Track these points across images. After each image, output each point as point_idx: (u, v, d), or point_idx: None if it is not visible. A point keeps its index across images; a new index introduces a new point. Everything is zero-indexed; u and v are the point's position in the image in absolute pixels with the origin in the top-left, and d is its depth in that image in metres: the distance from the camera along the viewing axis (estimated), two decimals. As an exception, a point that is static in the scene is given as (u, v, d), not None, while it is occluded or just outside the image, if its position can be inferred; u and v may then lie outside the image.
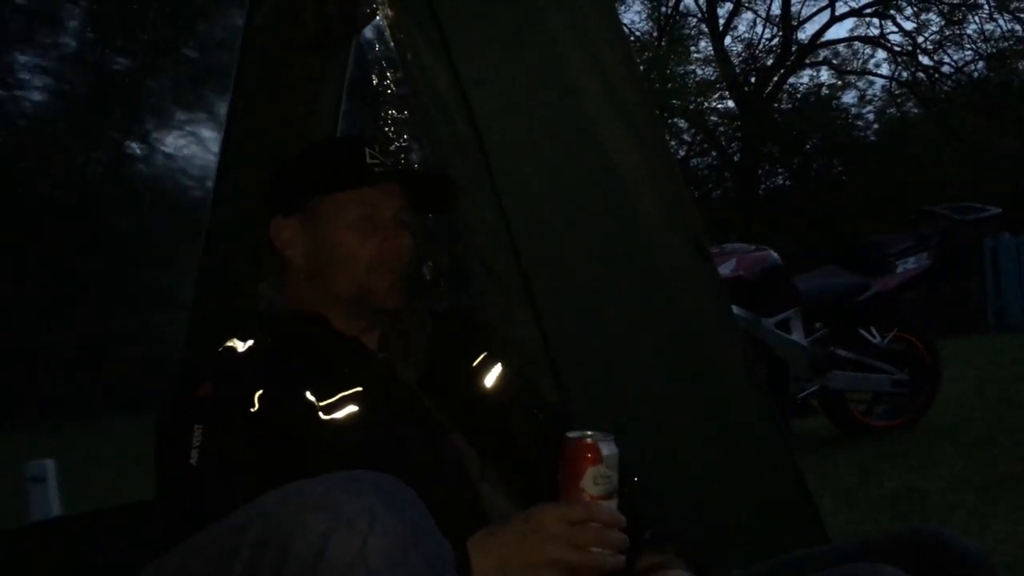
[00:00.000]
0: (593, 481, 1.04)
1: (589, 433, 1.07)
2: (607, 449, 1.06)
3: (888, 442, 4.39)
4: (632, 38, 16.41)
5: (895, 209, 11.65)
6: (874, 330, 4.66)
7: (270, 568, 0.69)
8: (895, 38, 16.97)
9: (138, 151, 11.63)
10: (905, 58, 16.88)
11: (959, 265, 4.74)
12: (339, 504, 0.71)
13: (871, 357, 4.60)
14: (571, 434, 1.08)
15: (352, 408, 1.18)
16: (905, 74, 17.15)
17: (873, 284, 4.67)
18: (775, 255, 4.71)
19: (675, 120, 17.03)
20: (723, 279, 1.86)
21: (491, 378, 1.38)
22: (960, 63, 16.53)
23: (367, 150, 1.34)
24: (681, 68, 17.54)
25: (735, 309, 1.79)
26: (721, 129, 18.33)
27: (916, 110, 17.19)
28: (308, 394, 1.17)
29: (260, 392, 1.14)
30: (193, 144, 11.55)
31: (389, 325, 1.36)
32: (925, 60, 16.63)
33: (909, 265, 4.71)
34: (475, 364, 1.39)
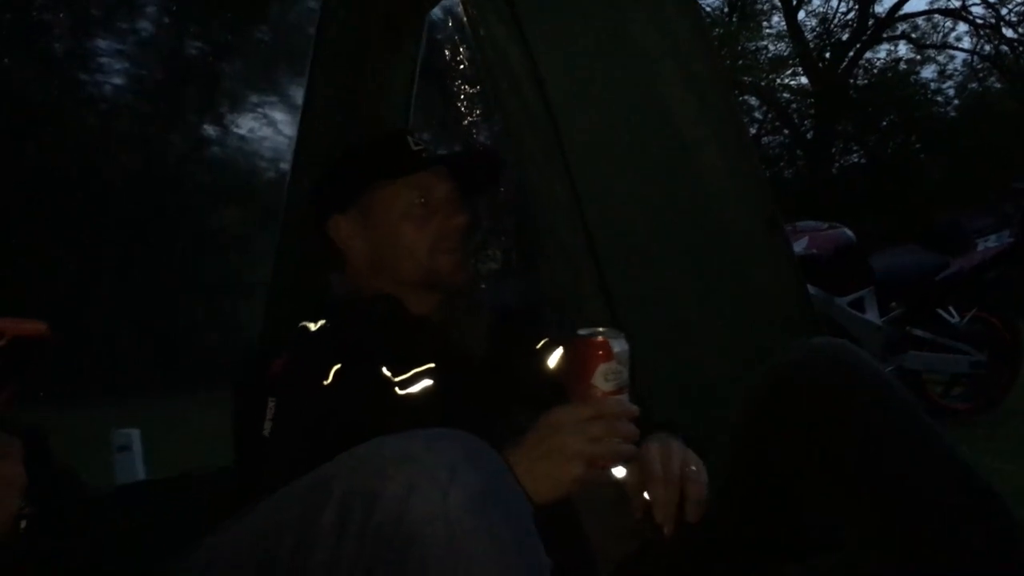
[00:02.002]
0: (604, 377, 1.07)
1: (600, 330, 1.10)
2: (618, 346, 1.08)
3: (967, 425, 4.28)
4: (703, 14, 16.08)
5: (976, 188, 11.27)
6: (952, 310, 4.54)
7: (357, 520, 0.72)
8: (977, 10, 16.34)
9: (213, 134, 11.88)
10: (988, 31, 16.25)
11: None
12: (422, 458, 0.73)
13: (949, 337, 4.48)
14: (581, 331, 1.11)
15: (427, 383, 1.22)
16: (988, 47, 16.52)
17: (952, 263, 4.54)
18: (849, 233, 4.62)
19: (746, 97, 16.72)
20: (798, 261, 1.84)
21: (553, 359, 1.42)
22: (1046, 35, 15.89)
23: (409, 139, 1.38)
24: (752, 44, 17.18)
25: (808, 288, 1.76)
26: (794, 106, 17.92)
27: (999, 85, 16.57)
28: (384, 370, 1.21)
29: (337, 367, 1.18)
30: (266, 126, 11.76)
31: (456, 305, 1.38)
32: (1009, 33, 16.00)
33: (990, 243, 4.56)
34: (538, 347, 1.43)
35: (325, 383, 1.17)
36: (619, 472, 1.21)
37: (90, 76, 10.68)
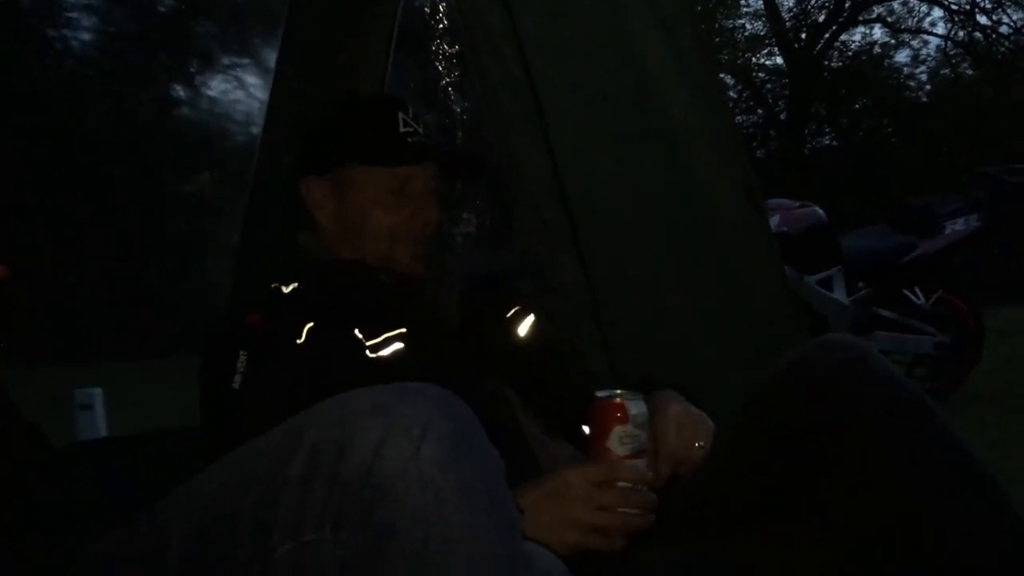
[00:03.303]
0: (619, 441, 1.06)
1: (618, 392, 1.09)
2: (635, 408, 1.08)
3: (928, 405, 4.34)
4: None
5: (947, 172, 11.39)
6: (919, 291, 4.60)
7: (325, 472, 0.71)
8: (953, -4, 16.44)
9: (183, 95, 11.70)
10: (962, 17, 16.33)
11: (1009, 228, 4.62)
12: (394, 411, 0.73)
13: (914, 318, 4.54)
14: (600, 393, 1.10)
15: (398, 346, 1.22)
16: (961, 34, 16.61)
17: (920, 245, 4.59)
18: (820, 212, 4.66)
19: (722, 75, 16.71)
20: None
21: (524, 327, 1.43)
22: (1020, 24, 15.98)
23: (401, 115, 1.36)
24: (730, 22, 17.17)
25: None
26: (768, 86, 17.97)
27: (971, 71, 16.70)
28: (356, 332, 1.21)
29: (309, 326, 1.17)
30: (238, 89, 11.60)
31: (429, 272, 1.38)
32: (983, 20, 16.11)
33: (957, 226, 4.62)
34: (509, 316, 1.44)
35: (298, 342, 1.16)
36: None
37: (57, 31, 10.47)
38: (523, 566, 0.71)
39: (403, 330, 1.24)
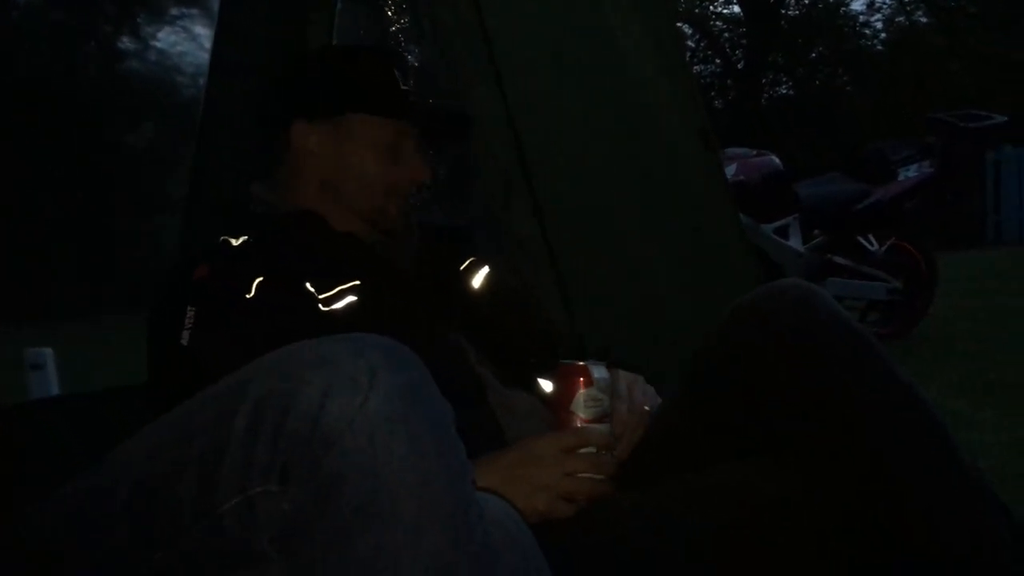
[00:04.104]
0: (584, 404, 1.07)
1: (581, 362, 1.10)
2: (598, 372, 1.09)
3: (880, 349, 4.43)
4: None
5: (901, 120, 11.51)
6: (872, 238, 4.66)
7: (271, 424, 0.69)
8: (908, -58, 16.46)
9: (131, 47, 11.39)
10: (917, -36, 16.41)
11: (961, 174, 4.68)
12: (340, 361, 0.71)
13: (867, 265, 4.60)
14: (563, 361, 1.11)
15: (351, 299, 1.20)
16: (916, -19, 16.70)
17: (874, 192, 4.63)
18: (777, 160, 4.67)
19: (680, 24, 16.63)
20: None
21: (478, 279, 1.42)
22: (974, -29, 16.08)
23: (397, 73, 1.36)
24: (687, -30, 17.08)
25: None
26: (726, 35, 17.94)
27: (926, 19, 16.79)
28: (308, 285, 1.18)
29: (259, 280, 1.15)
30: (186, 40, 11.31)
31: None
32: (937, -33, 16.18)
33: (911, 173, 4.66)
34: (463, 268, 1.43)
35: (248, 297, 1.13)
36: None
37: (-3, -20, 10.09)
38: (475, 515, 0.71)
39: (357, 282, 1.22)
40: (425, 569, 0.66)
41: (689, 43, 17.49)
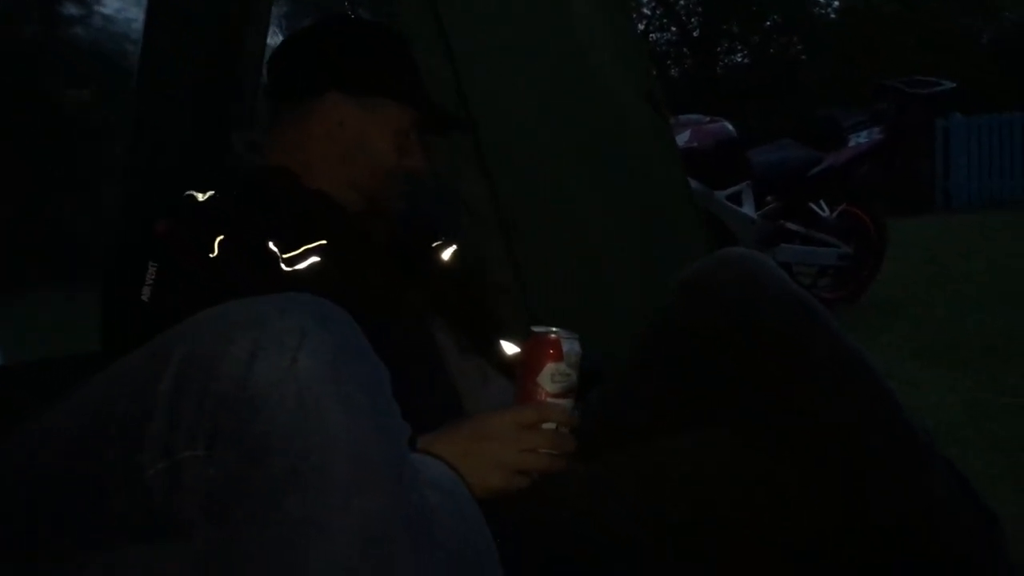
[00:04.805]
0: (551, 378, 1.04)
1: (554, 329, 1.06)
2: (568, 346, 1.05)
3: (834, 314, 4.48)
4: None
5: (854, 89, 11.60)
6: (823, 204, 4.71)
7: (197, 386, 0.67)
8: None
9: (75, 12, 11.07)
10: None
11: (911, 140, 4.74)
12: (268, 322, 0.68)
13: (819, 231, 4.65)
14: (536, 328, 1.07)
15: (314, 259, 1.18)
16: (869, -51, 16.78)
17: (825, 158, 4.67)
18: (730, 127, 4.69)
19: (636, -8, 16.60)
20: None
21: (447, 254, 1.43)
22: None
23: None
24: (643, -63, 16.99)
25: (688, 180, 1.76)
26: (682, 3, 17.93)
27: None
28: (271, 244, 1.16)
29: (221, 238, 1.12)
30: (133, 6, 11.02)
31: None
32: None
33: (861, 139, 4.71)
34: (434, 245, 1.43)
35: (211, 256, 1.10)
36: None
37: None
38: (410, 477, 0.69)
39: (323, 242, 1.20)
40: (356, 532, 0.64)
41: (645, 11, 17.46)
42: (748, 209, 4.59)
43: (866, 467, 0.99)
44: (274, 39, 2.32)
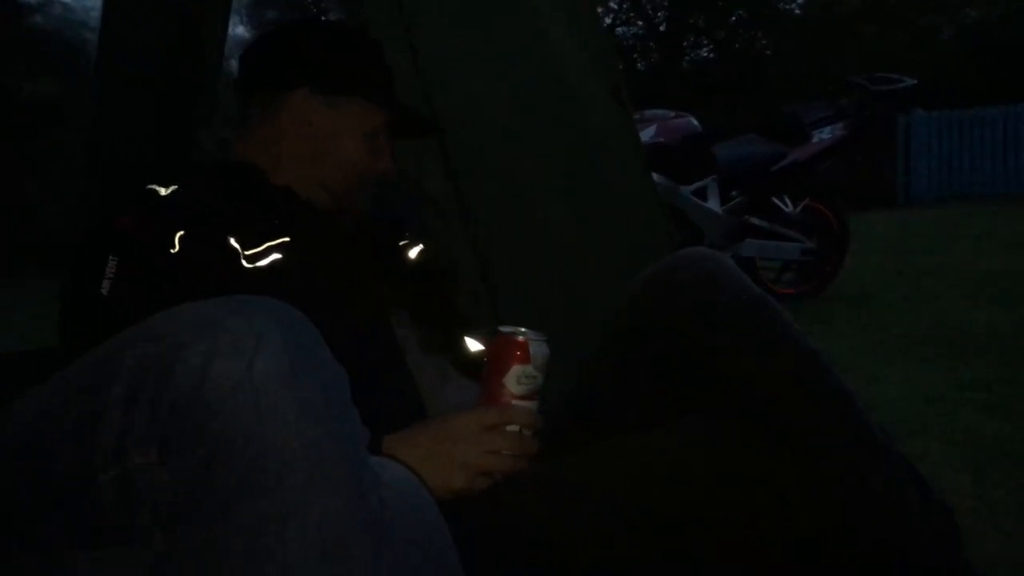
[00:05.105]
0: (517, 380, 1.03)
1: (522, 330, 1.05)
2: (536, 348, 1.04)
3: (793, 308, 4.52)
4: None
5: (818, 84, 11.71)
6: (787, 199, 4.75)
7: (150, 391, 0.65)
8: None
9: (33, 0, 10.87)
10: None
11: (873, 136, 4.79)
12: (224, 325, 0.67)
13: (783, 225, 4.69)
14: (503, 328, 1.06)
15: (276, 256, 1.16)
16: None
17: (789, 153, 4.72)
18: (695, 122, 4.72)
19: (603, -14, 16.60)
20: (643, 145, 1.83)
21: (414, 252, 1.42)
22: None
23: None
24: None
25: (654, 176, 1.76)
26: (648, -3, 17.99)
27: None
28: (232, 240, 1.15)
29: (181, 233, 1.11)
30: (93, -6, 10.83)
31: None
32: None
33: (824, 135, 4.76)
34: (400, 243, 1.43)
35: (172, 251, 1.09)
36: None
37: None
38: (369, 480, 0.68)
39: (286, 239, 1.18)
40: (314, 537, 0.63)
41: (612, 4, 17.49)
42: (713, 204, 4.62)
43: (824, 467, 1.00)
44: (235, 31, 2.30)
